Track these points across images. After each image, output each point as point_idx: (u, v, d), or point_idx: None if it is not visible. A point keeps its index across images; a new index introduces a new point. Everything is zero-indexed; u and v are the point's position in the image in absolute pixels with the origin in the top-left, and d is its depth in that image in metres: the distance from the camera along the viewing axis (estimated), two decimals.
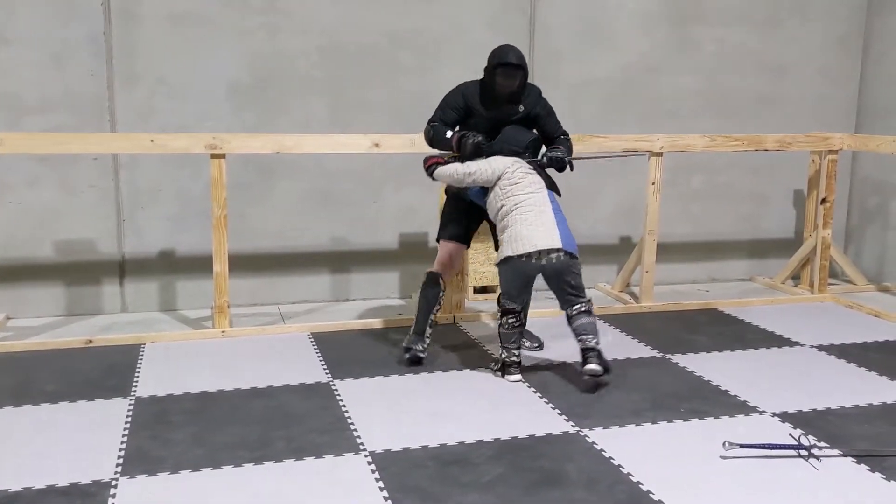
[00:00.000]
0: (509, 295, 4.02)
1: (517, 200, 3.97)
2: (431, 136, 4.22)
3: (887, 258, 6.16)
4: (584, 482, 2.99)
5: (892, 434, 3.44)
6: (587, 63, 5.74)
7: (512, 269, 3.94)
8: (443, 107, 4.24)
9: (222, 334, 4.69)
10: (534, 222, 3.91)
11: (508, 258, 3.91)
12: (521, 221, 3.92)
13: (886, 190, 6.14)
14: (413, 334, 4.30)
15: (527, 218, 3.92)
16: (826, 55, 6.22)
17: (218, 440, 3.31)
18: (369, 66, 5.36)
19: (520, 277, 3.95)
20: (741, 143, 5.46)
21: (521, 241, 3.88)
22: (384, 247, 5.58)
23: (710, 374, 4.15)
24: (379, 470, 3.07)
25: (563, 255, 3.89)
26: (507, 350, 4.06)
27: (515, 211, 3.95)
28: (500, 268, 4.02)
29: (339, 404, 3.71)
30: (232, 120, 5.16)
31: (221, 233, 4.64)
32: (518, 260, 3.88)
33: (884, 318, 5.20)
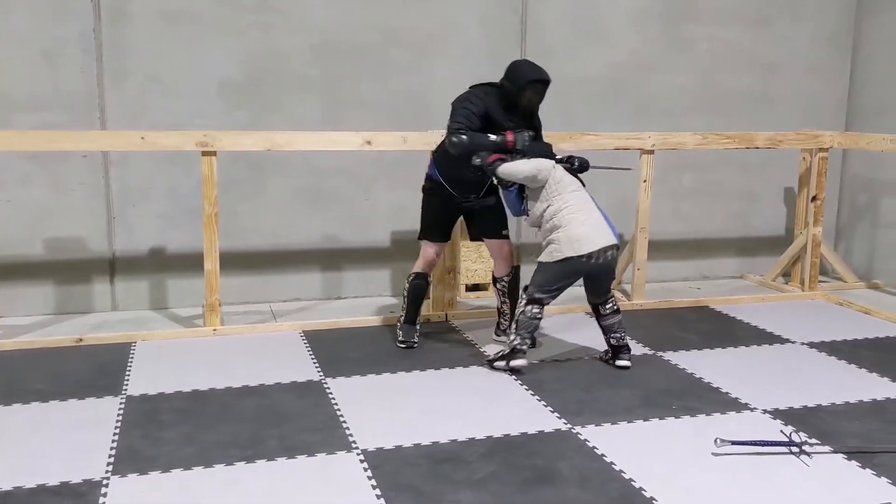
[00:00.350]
0: (547, 289, 4.08)
1: (565, 200, 4.09)
2: (469, 143, 4.12)
3: (877, 255, 6.19)
4: (576, 480, 3.00)
5: (883, 430, 3.45)
6: (579, 61, 5.74)
7: (568, 267, 4.02)
8: (466, 115, 4.18)
9: (213, 333, 4.68)
10: (586, 221, 4.05)
11: (569, 258, 3.98)
12: (573, 221, 4.03)
13: (876, 188, 6.17)
14: (405, 324, 4.46)
15: (578, 217, 4.04)
16: (816, 53, 6.24)
17: (209, 439, 3.30)
18: (362, 64, 5.35)
19: (573, 276, 4.07)
20: (732, 141, 5.47)
21: (581, 241, 3.99)
22: (376, 244, 5.58)
23: (702, 371, 4.16)
24: (371, 468, 3.06)
25: (616, 251, 4.09)
26: (520, 337, 4.10)
27: (564, 210, 4.06)
28: (550, 265, 4.05)
29: (331, 402, 3.71)
30: (224, 118, 5.14)
31: (212, 230, 4.62)
32: (578, 260, 3.98)
33: (874, 316, 5.22)
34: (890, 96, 6.01)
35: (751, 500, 2.85)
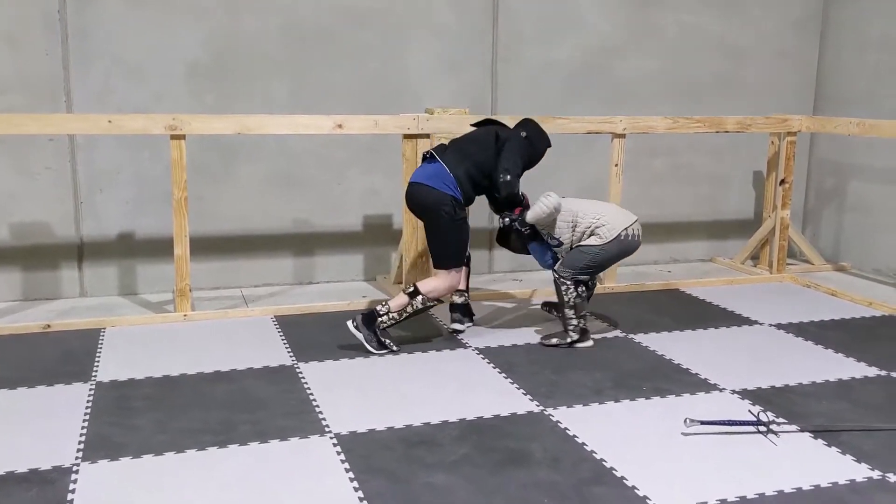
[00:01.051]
0: (592, 272, 4.29)
1: (581, 208, 4.28)
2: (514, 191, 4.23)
3: (843, 238, 6.28)
4: (548, 461, 3.02)
5: (848, 410, 3.52)
6: (550, 45, 5.74)
7: (618, 246, 4.21)
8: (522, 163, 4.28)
9: (184, 318, 4.64)
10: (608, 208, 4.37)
11: (618, 235, 4.19)
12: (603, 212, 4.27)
13: (843, 171, 6.26)
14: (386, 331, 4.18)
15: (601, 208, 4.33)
16: (785, 38, 6.29)
17: (181, 425, 3.28)
18: (331, 46, 5.31)
19: (623, 254, 4.27)
20: (702, 125, 5.51)
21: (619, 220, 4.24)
22: (348, 229, 5.56)
23: (672, 353, 4.21)
24: (345, 452, 3.07)
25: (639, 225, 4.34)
26: (582, 319, 4.26)
27: (589, 214, 4.24)
28: (599, 247, 4.19)
29: (303, 387, 3.70)
30: (192, 101, 5.08)
31: (182, 215, 4.58)
32: (626, 237, 4.21)
33: (840, 298, 5.31)
34: (857, 81, 6.08)
35: (720, 479, 2.90)
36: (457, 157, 4.20)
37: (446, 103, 5.52)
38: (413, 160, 4.90)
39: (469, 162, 4.19)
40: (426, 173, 4.20)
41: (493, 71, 5.66)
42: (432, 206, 4.13)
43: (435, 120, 4.96)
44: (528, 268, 5.92)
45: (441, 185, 4.13)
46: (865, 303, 5.15)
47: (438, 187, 4.13)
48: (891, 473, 2.94)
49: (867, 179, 6.04)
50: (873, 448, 3.14)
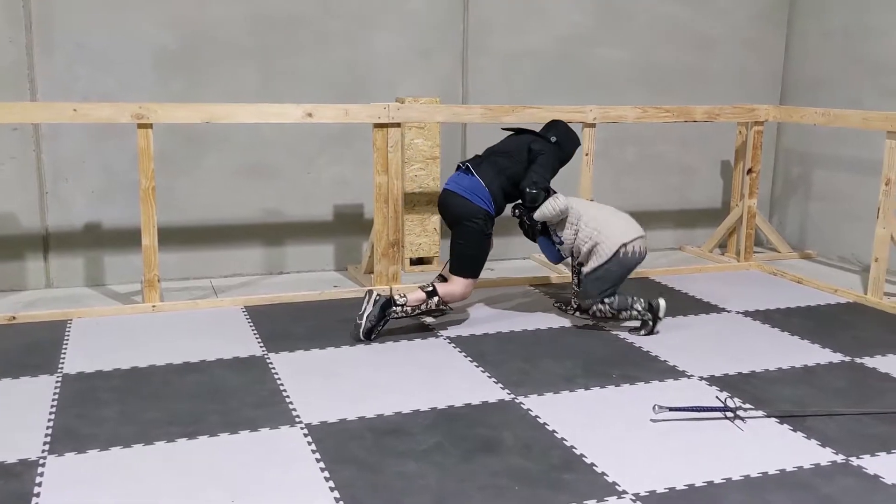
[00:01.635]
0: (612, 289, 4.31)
1: (588, 213, 4.36)
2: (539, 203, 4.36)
3: (809, 227, 6.37)
4: (519, 448, 3.04)
5: (813, 395, 3.58)
6: (520, 34, 5.75)
7: (618, 265, 4.27)
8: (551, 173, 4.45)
9: (153, 309, 4.60)
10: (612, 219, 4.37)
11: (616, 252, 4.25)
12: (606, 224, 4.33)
13: (809, 161, 6.34)
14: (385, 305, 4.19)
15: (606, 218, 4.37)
16: (752, 28, 6.35)
17: (149, 416, 3.26)
18: (301, 34, 5.27)
19: (625, 271, 4.31)
20: (671, 115, 5.55)
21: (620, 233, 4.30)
22: (318, 219, 5.53)
23: (641, 340, 4.25)
24: (315, 442, 3.06)
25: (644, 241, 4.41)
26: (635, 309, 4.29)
27: (592, 222, 4.32)
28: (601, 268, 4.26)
29: (274, 377, 3.69)
30: (158, 89, 5.02)
31: (149, 205, 4.53)
32: (625, 253, 4.27)
33: (805, 285, 5.38)
34: (822, 71, 6.16)
35: (687, 464, 2.93)
36: (492, 172, 4.34)
37: (417, 92, 5.51)
38: (384, 149, 4.88)
39: (503, 176, 4.35)
40: (461, 185, 4.33)
41: (464, 59, 5.65)
42: (465, 217, 4.28)
43: (406, 109, 4.95)
44: (499, 257, 5.93)
45: (475, 199, 4.28)
46: (830, 290, 5.23)
47: (473, 200, 4.28)
48: (854, 457, 3.00)
49: (833, 168, 6.13)
50: (837, 432, 3.19)
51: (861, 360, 4.01)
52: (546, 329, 4.42)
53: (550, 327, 4.44)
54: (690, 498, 2.71)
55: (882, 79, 5.66)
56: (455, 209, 4.31)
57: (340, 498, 2.68)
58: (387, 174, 4.91)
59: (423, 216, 5.49)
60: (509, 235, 5.99)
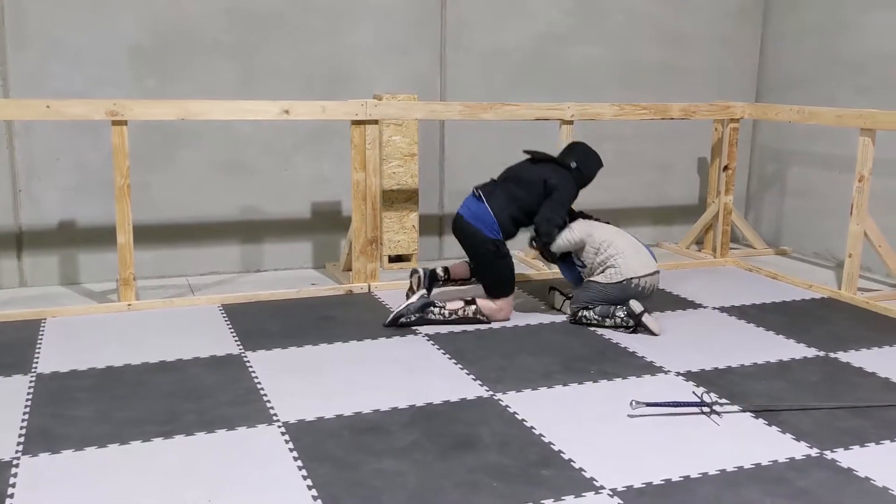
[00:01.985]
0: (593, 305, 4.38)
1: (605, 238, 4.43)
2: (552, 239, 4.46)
3: (784, 223, 6.43)
4: (497, 445, 3.04)
5: (787, 389, 3.61)
6: (499, 31, 5.75)
7: (619, 290, 4.36)
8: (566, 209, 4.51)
9: (128, 307, 4.56)
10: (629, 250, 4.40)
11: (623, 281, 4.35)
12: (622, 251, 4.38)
13: (784, 158, 6.40)
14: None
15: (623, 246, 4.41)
16: (728, 26, 6.40)
17: (125, 415, 3.23)
18: (277, 30, 5.24)
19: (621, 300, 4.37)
20: (648, 112, 5.58)
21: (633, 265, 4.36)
22: (296, 216, 5.51)
23: (618, 336, 4.27)
24: (293, 440, 3.05)
25: (657, 276, 4.48)
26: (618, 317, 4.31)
27: (610, 247, 4.39)
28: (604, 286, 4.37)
29: (251, 376, 3.67)
30: (133, 86, 4.97)
31: (125, 203, 4.48)
32: (629, 284, 4.35)
33: (781, 281, 5.43)
34: (797, 68, 6.21)
35: (664, 459, 2.95)
36: (503, 200, 4.40)
37: (395, 88, 5.50)
38: (361, 146, 4.87)
39: (515, 206, 4.41)
40: (471, 212, 4.41)
41: (442, 56, 5.64)
42: (476, 245, 4.40)
43: (383, 106, 4.94)
44: None
45: (483, 227, 4.36)
46: (805, 286, 5.28)
47: (481, 228, 4.36)
48: (828, 451, 3.03)
49: (808, 165, 6.19)
50: (811, 426, 3.23)
51: (835, 354, 4.05)
52: (524, 326, 4.43)
53: (528, 324, 4.45)
54: (667, 492, 2.73)
55: (856, 76, 5.72)
56: (466, 238, 4.43)
57: (318, 496, 2.67)
58: (364, 171, 4.90)
59: (402, 213, 5.48)
60: None
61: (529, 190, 4.43)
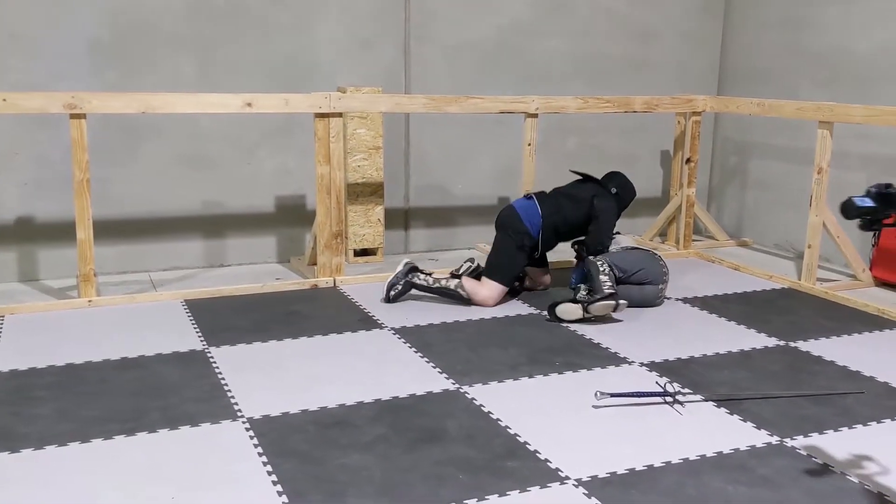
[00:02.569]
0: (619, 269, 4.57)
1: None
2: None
3: (745, 215, 6.52)
4: (463, 437, 3.05)
5: (749, 379, 3.66)
6: (464, 23, 5.74)
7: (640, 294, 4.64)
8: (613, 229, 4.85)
9: (89, 304, 4.49)
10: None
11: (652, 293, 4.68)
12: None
13: (745, 150, 6.48)
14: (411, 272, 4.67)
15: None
16: (691, 20, 6.46)
17: (86, 413, 3.18)
18: (240, 22, 5.18)
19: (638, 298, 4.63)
20: (611, 105, 5.62)
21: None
22: (260, 210, 5.46)
23: (583, 328, 4.30)
24: (257, 436, 3.03)
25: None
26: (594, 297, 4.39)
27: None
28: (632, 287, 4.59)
29: (214, 372, 3.63)
30: (92, 79, 4.89)
31: (84, 198, 4.41)
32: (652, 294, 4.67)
33: (742, 272, 5.51)
34: (758, 61, 6.29)
35: (628, 448, 2.98)
36: (552, 207, 4.70)
37: (359, 82, 5.47)
38: (325, 139, 4.84)
39: (559, 216, 4.70)
40: (521, 206, 4.74)
41: (407, 49, 5.63)
42: (510, 226, 4.67)
43: (347, 99, 4.91)
44: (443, 247, 5.95)
45: (526, 219, 4.65)
46: (766, 276, 5.36)
47: (524, 219, 4.65)
48: (788, 438, 3.08)
49: (768, 157, 6.28)
50: (772, 415, 3.28)
51: (795, 343, 4.12)
52: (490, 319, 4.44)
53: (495, 317, 4.46)
54: (631, 481, 2.75)
55: (816, 70, 5.81)
56: (506, 219, 4.72)
57: (283, 491, 2.65)
58: (329, 165, 4.87)
59: (367, 207, 5.47)
60: (454, 226, 6.01)
61: (578, 205, 4.73)
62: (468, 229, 6.01)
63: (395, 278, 4.61)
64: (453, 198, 5.93)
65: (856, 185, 5.52)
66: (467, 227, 6.01)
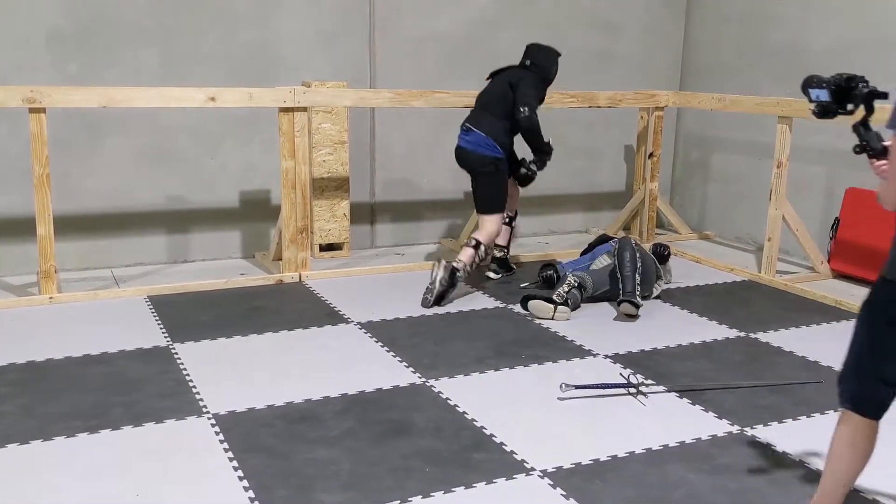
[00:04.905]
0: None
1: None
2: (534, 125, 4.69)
3: (707, 209, 6.61)
4: (430, 430, 3.06)
5: (711, 369, 3.73)
6: (428, 17, 5.74)
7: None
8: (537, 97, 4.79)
9: (50, 301, 4.42)
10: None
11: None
12: None
13: (707, 145, 6.57)
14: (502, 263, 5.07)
15: None
16: (654, 15, 6.52)
17: (49, 411, 3.14)
18: (202, 15, 5.13)
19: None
20: (576, 100, 5.66)
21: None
22: (224, 205, 5.42)
23: (549, 321, 4.33)
24: (223, 431, 3.01)
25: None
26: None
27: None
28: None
29: (179, 368, 3.60)
30: (52, 72, 4.81)
31: (44, 193, 4.34)
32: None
33: (704, 264, 5.59)
34: (719, 57, 6.38)
35: (593, 439, 3.02)
36: (489, 120, 4.72)
37: (323, 75, 5.45)
38: (290, 134, 4.81)
39: (498, 119, 4.71)
40: (467, 141, 4.77)
41: (371, 42, 5.61)
42: (477, 166, 4.75)
43: (312, 93, 4.89)
44: (410, 242, 5.96)
45: (483, 150, 4.70)
46: (727, 269, 5.44)
47: (480, 151, 4.70)
48: (748, 427, 3.14)
49: (729, 152, 6.37)
50: (733, 404, 3.34)
51: (755, 335, 4.20)
52: (457, 312, 4.46)
53: (461, 311, 4.48)
54: (595, 471, 2.79)
55: (776, 65, 5.90)
56: (468, 162, 4.80)
57: (250, 487, 2.65)
58: (294, 159, 4.85)
59: (333, 201, 5.45)
60: (420, 220, 6.02)
61: (501, 98, 4.72)
62: (434, 223, 6.02)
63: (442, 286, 4.49)
64: (419, 192, 5.94)
65: (815, 178, 5.63)
66: (433, 222, 6.02)
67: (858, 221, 5.15)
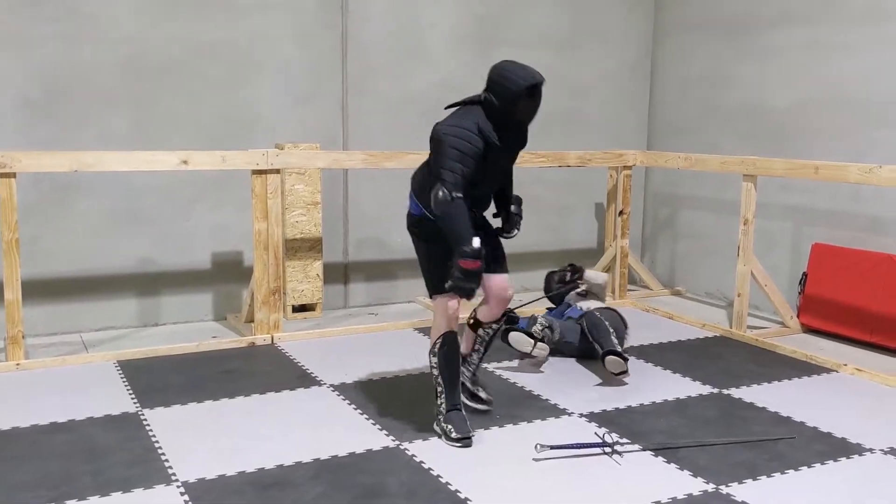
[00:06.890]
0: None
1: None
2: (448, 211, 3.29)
3: (677, 265, 6.69)
4: (404, 494, 3.02)
5: (685, 426, 3.73)
6: (400, 79, 5.83)
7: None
8: (461, 158, 3.32)
9: (17, 367, 4.34)
10: None
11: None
12: None
13: (675, 202, 6.68)
14: (451, 413, 3.52)
15: None
16: (621, 77, 6.68)
17: (13, 479, 3.06)
18: (175, 79, 5.18)
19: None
20: (546, 160, 5.75)
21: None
22: (196, 267, 5.39)
23: (523, 379, 4.32)
24: (193, 500, 2.95)
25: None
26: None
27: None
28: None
29: (148, 434, 3.54)
30: (19, 137, 4.79)
31: (13, 258, 4.30)
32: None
33: (676, 320, 5.63)
34: (682, 117, 6.53)
35: (569, 500, 2.99)
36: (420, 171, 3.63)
37: (297, 137, 5.49)
38: (263, 196, 4.83)
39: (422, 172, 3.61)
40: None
41: (344, 104, 5.68)
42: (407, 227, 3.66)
43: (285, 155, 4.93)
44: (383, 301, 5.95)
45: (411, 207, 3.62)
46: (699, 324, 5.49)
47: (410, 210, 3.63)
48: (723, 485, 3.14)
49: (697, 209, 6.47)
50: (707, 462, 3.33)
51: (728, 391, 4.21)
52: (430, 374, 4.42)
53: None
54: None
55: (737, 124, 6.05)
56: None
57: None
58: (266, 221, 4.85)
59: (306, 262, 5.45)
60: (394, 280, 6.01)
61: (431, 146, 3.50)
62: (408, 282, 6.02)
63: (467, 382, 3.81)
64: (392, 251, 5.95)
65: (782, 233, 5.73)
66: (407, 280, 6.02)
67: (825, 276, 5.23)
